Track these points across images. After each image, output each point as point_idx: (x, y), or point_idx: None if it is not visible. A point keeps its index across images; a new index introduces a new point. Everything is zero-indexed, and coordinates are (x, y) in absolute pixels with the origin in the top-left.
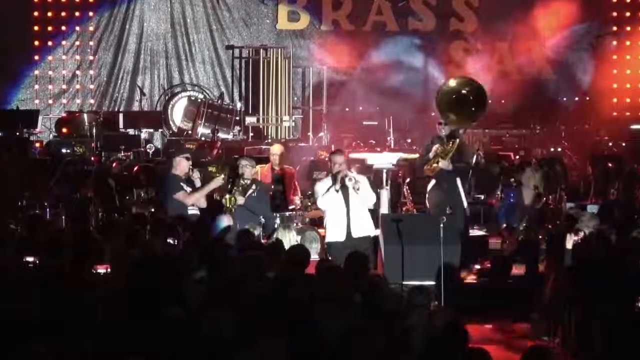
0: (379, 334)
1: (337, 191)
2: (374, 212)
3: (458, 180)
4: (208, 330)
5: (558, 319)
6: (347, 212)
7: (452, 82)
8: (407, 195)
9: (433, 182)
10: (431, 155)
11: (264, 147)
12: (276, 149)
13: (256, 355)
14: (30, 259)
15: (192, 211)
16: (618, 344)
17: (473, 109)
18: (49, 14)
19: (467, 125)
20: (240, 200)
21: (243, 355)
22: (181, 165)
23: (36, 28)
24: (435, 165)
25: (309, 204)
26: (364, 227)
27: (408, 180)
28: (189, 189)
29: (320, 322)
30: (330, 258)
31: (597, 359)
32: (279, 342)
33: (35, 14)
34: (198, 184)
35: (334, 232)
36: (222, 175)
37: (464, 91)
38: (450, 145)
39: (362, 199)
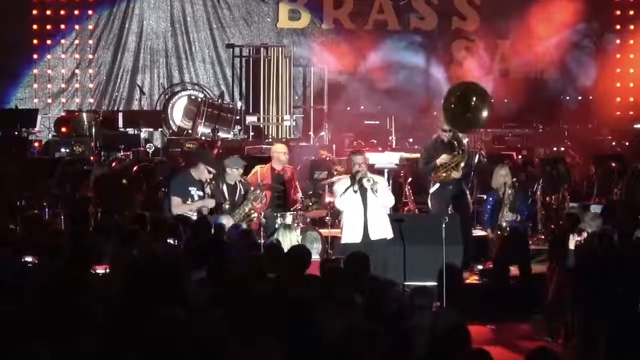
0: (380, 334)
1: (355, 192)
2: None
3: (462, 183)
4: (208, 330)
5: (561, 319)
6: (365, 214)
7: (459, 88)
8: (409, 195)
9: (437, 185)
10: (438, 163)
11: (264, 146)
12: (282, 148)
13: (256, 355)
14: (30, 259)
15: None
16: (621, 344)
17: (480, 115)
18: (48, 12)
19: (472, 130)
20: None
21: (243, 355)
22: (202, 173)
23: (35, 27)
24: (445, 174)
25: (310, 203)
26: (381, 230)
27: (410, 180)
28: (198, 193)
29: (320, 322)
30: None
31: None
32: (279, 342)
33: (34, 12)
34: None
35: (351, 234)
36: (214, 200)
37: (473, 97)
38: (460, 155)
39: (380, 201)
